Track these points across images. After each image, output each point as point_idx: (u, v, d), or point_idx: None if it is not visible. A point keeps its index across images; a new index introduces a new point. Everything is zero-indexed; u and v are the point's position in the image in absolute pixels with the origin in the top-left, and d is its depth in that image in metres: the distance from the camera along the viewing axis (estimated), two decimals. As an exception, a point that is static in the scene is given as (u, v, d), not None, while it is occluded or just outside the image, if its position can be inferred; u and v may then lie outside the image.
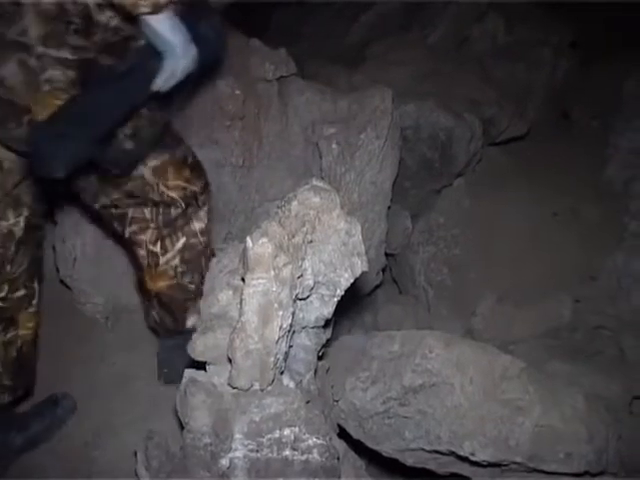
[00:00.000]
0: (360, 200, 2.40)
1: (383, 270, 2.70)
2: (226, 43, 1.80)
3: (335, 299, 1.58)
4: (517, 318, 2.53)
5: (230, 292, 1.51)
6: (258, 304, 1.36)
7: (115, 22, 1.68)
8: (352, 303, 2.45)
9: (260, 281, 1.35)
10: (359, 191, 2.39)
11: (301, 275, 1.45)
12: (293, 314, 1.44)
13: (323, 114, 2.47)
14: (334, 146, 2.36)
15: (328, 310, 1.59)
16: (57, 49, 1.67)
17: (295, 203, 1.46)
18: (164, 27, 1.63)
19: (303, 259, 1.45)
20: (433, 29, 3.20)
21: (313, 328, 1.63)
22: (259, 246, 1.34)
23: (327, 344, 1.80)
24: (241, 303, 1.38)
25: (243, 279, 1.39)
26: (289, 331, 1.45)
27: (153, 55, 1.66)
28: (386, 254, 2.68)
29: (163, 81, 1.69)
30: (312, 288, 1.51)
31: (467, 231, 2.83)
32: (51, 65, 1.68)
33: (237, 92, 2.38)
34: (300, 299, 1.51)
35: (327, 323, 1.67)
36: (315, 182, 1.51)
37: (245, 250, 1.37)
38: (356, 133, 2.37)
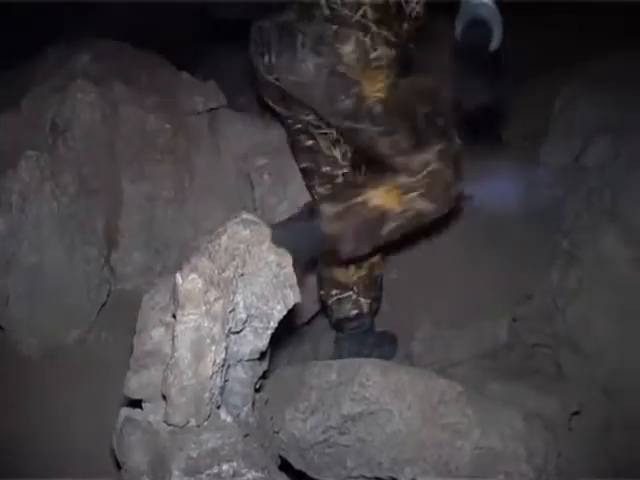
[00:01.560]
0: (294, 228, 2.44)
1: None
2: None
3: (269, 331, 1.61)
4: (455, 341, 2.59)
5: (162, 329, 1.53)
6: (190, 340, 1.38)
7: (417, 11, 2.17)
8: (290, 332, 2.48)
9: (191, 317, 1.38)
10: (292, 220, 2.43)
11: (233, 309, 1.48)
12: (227, 348, 1.47)
13: (254, 145, 2.51)
14: (266, 177, 2.40)
15: (262, 343, 1.62)
16: (386, 31, 2.09)
17: (225, 237, 1.50)
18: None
19: (234, 293, 1.48)
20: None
21: (248, 361, 1.66)
22: (189, 282, 1.37)
23: (264, 376, 1.82)
24: (173, 340, 1.40)
25: (174, 315, 1.41)
26: (223, 365, 1.48)
27: (481, 24, 2.07)
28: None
29: (497, 42, 2.09)
30: (245, 321, 1.54)
31: (403, 255, 2.89)
32: (379, 44, 2.09)
33: (167, 126, 2.41)
34: (233, 333, 1.54)
35: (263, 355, 1.70)
36: (245, 215, 1.55)
37: (175, 286, 1.39)
38: (288, 163, 2.42)
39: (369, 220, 2.15)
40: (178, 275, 1.38)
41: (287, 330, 2.04)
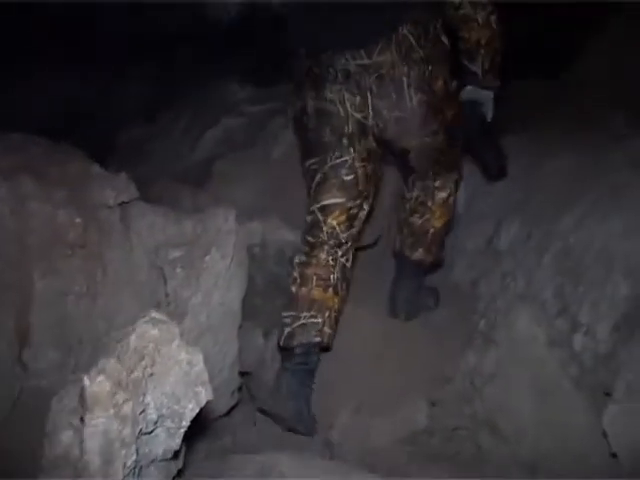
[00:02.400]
0: (209, 322, 2.46)
1: (239, 389, 2.74)
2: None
3: (181, 430, 1.62)
4: (374, 427, 2.62)
5: (71, 432, 1.52)
6: (99, 444, 1.39)
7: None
8: (207, 426, 2.47)
9: (100, 420, 1.39)
10: (207, 313, 2.46)
11: (143, 410, 1.49)
12: (138, 450, 1.47)
13: (167, 237, 2.54)
14: (178, 270, 2.43)
15: (175, 442, 1.63)
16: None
17: (133, 337, 1.51)
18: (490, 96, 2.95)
19: (144, 394, 1.49)
20: (276, 144, 3.37)
21: (161, 461, 1.65)
22: (96, 385, 1.38)
23: (179, 474, 1.82)
24: (82, 444, 1.40)
25: (82, 419, 1.42)
26: (135, 467, 1.48)
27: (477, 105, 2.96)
28: (241, 373, 2.73)
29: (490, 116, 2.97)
30: (156, 422, 1.55)
31: (322, 343, 2.93)
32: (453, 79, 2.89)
33: (77, 220, 2.42)
34: (144, 434, 1.54)
35: (176, 454, 1.70)
36: (154, 314, 1.57)
37: (82, 389, 1.40)
38: (201, 255, 2.45)
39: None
40: (85, 378, 1.39)
41: (205, 422, 2.04)
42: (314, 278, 2.72)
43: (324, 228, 2.74)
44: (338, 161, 2.72)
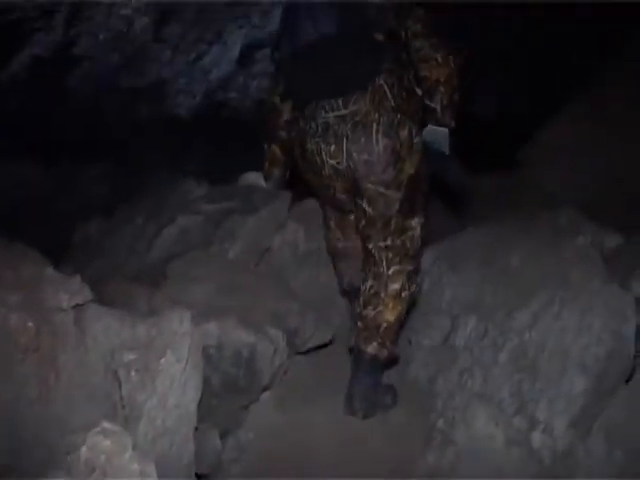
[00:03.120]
0: (165, 425, 2.45)
1: (193, 491, 2.71)
2: None
3: (134, 541, 1.61)
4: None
5: None
6: None
7: None
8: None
9: (49, 537, 1.38)
10: (163, 416, 2.44)
11: (94, 523, 1.48)
12: None
13: (122, 340, 2.53)
14: (133, 373, 2.42)
15: None
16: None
17: (84, 449, 1.51)
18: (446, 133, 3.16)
19: (95, 506, 1.49)
20: (233, 242, 3.41)
21: None
22: (46, 500, 1.37)
23: None
24: None
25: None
26: None
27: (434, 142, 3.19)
28: (197, 475, 2.70)
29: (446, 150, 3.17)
30: (107, 535, 1.54)
31: (279, 445, 2.92)
32: (419, 132, 3.19)
33: (29, 324, 2.42)
34: None
35: None
36: (105, 424, 1.57)
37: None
38: (156, 358, 2.45)
39: None
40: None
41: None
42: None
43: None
44: (333, 202, 3.35)
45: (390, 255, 3.15)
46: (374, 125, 3.02)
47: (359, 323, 3.21)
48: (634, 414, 2.90)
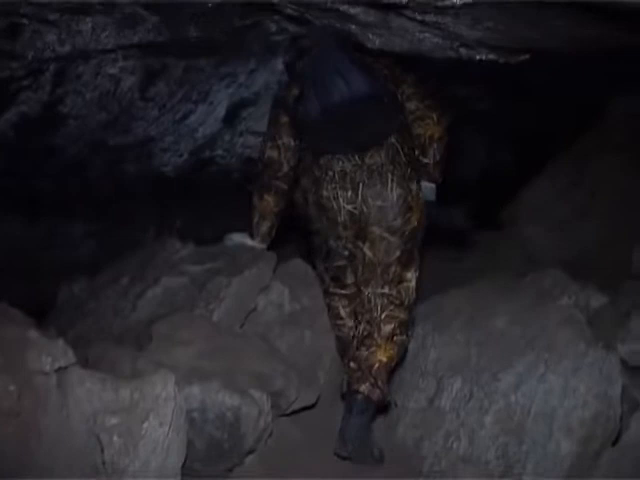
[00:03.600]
0: (147, 490, 2.43)
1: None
2: None
3: None
4: None
5: None
6: None
7: None
8: None
9: None
10: (146, 481, 2.43)
11: None
12: None
13: (105, 404, 2.52)
14: (116, 438, 2.41)
15: None
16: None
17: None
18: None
19: None
20: (218, 304, 3.41)
21: None
22: None
23: None
24: None
25: None
26: None
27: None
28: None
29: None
30: None
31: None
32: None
33: (11, 388, 2.41)
34: None
35: None
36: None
37: None
38: (139, 422, 2.44)
39: None
40: None
41: None
42: None
43: (347, 281, 3.54)
44: (339, 242, 3.45)
45: (385, 302, 3.36)
46: (389, 175, 3.30)
47: (352, 364, 3.34)
48: (621, 476, 2.90)
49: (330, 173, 3.35)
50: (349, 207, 3.33)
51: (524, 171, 6.23)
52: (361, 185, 3.30)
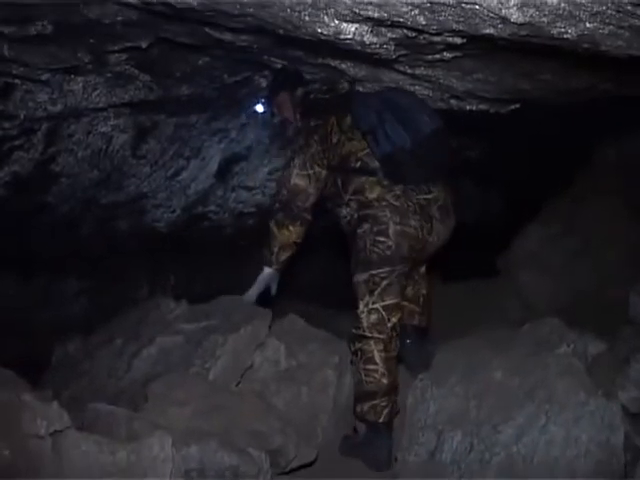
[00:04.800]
0: None
1: None
2: None
3: None
4: None
5: None
6: None
7: None
8: None
9: None
10: None
11: None
12: None
13: (101, 467, 2.50)
14: (115, 504, 2.40)
15: None
16: None
17: None
18: None
19: None
20: (214, 362, 3.40)
21: None
22: None
23: None
24: None
25: None
26: None
27: None
28: None
29: None
30: None
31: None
32: None
33: (5, 452, 2.39)
34: None
35: None
36: None
37: None
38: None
39: None
40: None
41: None
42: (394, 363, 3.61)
43: (388, 324, 3.52)
44: (404, 270, 3.61)
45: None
46: (450, 207, 3.74)
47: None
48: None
49: (411, 205, 3.59)
50: (429, 238, 3.66)
51: (517, 218, 6.28)
52: (434, 220, 3.64)
